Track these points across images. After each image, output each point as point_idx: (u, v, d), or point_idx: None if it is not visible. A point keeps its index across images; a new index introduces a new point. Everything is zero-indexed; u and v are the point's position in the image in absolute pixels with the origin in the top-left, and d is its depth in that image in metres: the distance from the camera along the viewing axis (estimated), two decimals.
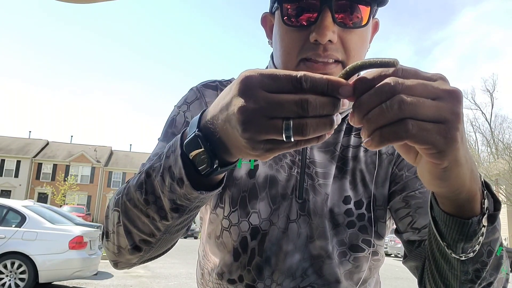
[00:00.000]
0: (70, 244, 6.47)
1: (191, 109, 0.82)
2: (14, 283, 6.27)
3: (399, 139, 0.40)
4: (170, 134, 0.80)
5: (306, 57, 0.70)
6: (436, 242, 0.56)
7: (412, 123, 0.39)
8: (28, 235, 6.38)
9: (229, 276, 0.79)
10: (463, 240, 0.50)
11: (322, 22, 0.67)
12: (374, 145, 0.41)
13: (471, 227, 0.49)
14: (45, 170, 38.41)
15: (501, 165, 28.20)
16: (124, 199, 0.62)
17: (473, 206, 0.49)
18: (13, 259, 6.29)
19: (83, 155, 39.21)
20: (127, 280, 8.17)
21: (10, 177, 37.15)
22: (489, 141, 32.34)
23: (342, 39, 0.69)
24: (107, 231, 0.67)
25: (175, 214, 0.58)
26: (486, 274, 0.56)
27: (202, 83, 0.87)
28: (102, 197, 39.17)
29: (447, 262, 0.56)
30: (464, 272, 0.55)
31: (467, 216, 0.49)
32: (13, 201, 7.12)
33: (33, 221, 6.53)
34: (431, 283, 0.64)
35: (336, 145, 0.80)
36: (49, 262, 6.36)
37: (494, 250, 0.55)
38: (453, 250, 0.52)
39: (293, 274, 0.76)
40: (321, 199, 0.77)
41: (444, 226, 0.51)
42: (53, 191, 35.78)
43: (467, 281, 0.56)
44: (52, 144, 42.10)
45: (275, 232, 0.76)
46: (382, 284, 0.95)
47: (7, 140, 40.23)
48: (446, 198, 0.50)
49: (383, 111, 0.40)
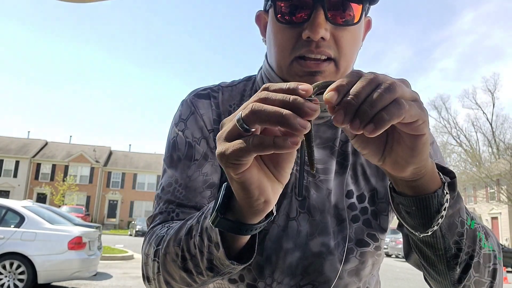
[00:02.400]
0: (69, 245, 6.46)
1: (189, 126, 0.82)
2: (13, 283, 6.25)
3: (398, 116, 0.43)
4: (176, 159, 0.81)
5: (299, 55, 0.72)
6: (411, 233, 0.59)
7: (404, 101, 0.44)
8: (27, 236, 6.36)
9: (229, 275, 0.78)
10: (433, 215, 0.55)
11: (315, 19, 0.68)
12: (377, 129, 0.43)
13: (438, 198, 0.54)
14: (44, 170, 38.43)
15: (503, 165, 28.25)
16: (163, 252, 0.66)
17: (434, 180, 0.54)
18: (12, 260, 6.28)
19: (82, 155, 39.22)
20: (127, 281, 8.15)
21: (9, 177, 37.17)
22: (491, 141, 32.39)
23: (335, 37, 0.71)
24: (148, 276, 0.71)
25: (210, 273, 0.61)
26: (465, 246, 0.59)
27: (193, 93, 0.86)
28: (101, 197, 39.18)
29: (430, 246, 0.59)
30: (446, 248, 0.58)
31: (431, 191, 0.54)
32: (12, 202, 7.10)
33: (32, 221, 6.52)
34: (425, 273, 0.67)
35: (335, 140, 0.81)
36: (48, 263, 6.34)
37: (465, 220, 0.59)
38: (428, 228, 0.56)
39: (293, 272, 0.75)
40: (323, 195, 0.77)
41: (415, 210, 0.55)
42: (52, 191, 35.80)
43: (451, 257, 0.59)
44: (51, 144, 42.12)
45: (275, 230, 0.76)
46: (382, 285, 0.95)
47: (5, 140, 40.23)
48: (416, 179, 0.53)
49: (382, 94, 0.43)
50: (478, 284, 0.62)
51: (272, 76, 0.80)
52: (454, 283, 0.61)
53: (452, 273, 0.60)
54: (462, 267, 0.60)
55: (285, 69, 0.75)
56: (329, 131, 0.81)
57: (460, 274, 0.60)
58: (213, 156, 0.80)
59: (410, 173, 0.52)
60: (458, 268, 0.60)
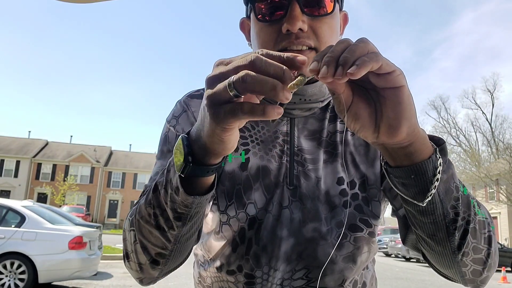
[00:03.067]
0: (70, 245, 6.47)
1: (180, 122, 0.87)
2: (14, 283, 6.26)
3: (377, 61, 0.47)
4: (166, 151, 0.85)
5: (282, 48, 0.77)
6: (411, 205, 0.61)
7: (378, 54, 0.48)
8: (27, 235, 6.37)
9: (227, 267, 0.81)
10: (430, 180, 0.57)
11: (291, 13, 0.75)
12: (360, 69, 0.46)
13: (433, 163, 0.57)
14: (45, 170, 38.42)
15: (502, 165, 28.21)
16: (137, 217, 0.69)
17: (427, 146, 0.57)
18: (12, 260, 6.29)
19: (82, 155, 39.21)
20: (127, 281, 8.16)
21: (9, 177, 37.16)
22: (490, 141, 32.38)
23: (313, 28, 0.77)
24: (126, 252, 0.73)
25: (178, 223, 0.63)
26: (461, 211, 0.62)
27: (186, 95, 0.92)
28: (102, 197, 39.17)
29: (429, 214, 0.61)
30: (445, 213, 0.61)
31: (426, 157, 0.57)
32: (13, 201, 7.11)
33: (33, 221, 6.53)
34: (426, 248, 0.68)
35: (322, 132, 0.85)
36: (49, 263, 6.36)
37: (458, 185, 0.62)
38: (426, 193, 0.58)
39: (289, 258, 0.78)
40: (312, 183, 0.81)
41: (413, 178, 0.57)
42: (52, 191, 35.79)
43: (450, 222, 0.61)
44: (51, 144, 42.11)
45: (269, 219, 0.79)
46: (382, 285, 0.96)
47: (6, 140, 40.22)
48: (411, 143, 0.56)
49: (357, 45, 0.48)
50: (476, 251, 0.65)
51: None
52: (454, 250, 0.64)
53: (452, 239, 0.63)
54: (461, 232, 0.62)
55: None
56: (316, 124, 0.86)
57: (459, 241, 0.63)
58: None
59: (405, 134, 0.53)
60: (457, 233, 0.62)
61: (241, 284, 0.80)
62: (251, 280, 0.79)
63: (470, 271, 0.67)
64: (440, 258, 0.67)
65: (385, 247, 21.10)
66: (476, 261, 0.66)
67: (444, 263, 0.67)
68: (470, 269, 0.67)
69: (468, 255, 0.65)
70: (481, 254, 0.66)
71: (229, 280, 0.81)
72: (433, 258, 0.69)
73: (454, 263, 0.66)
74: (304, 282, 0.78)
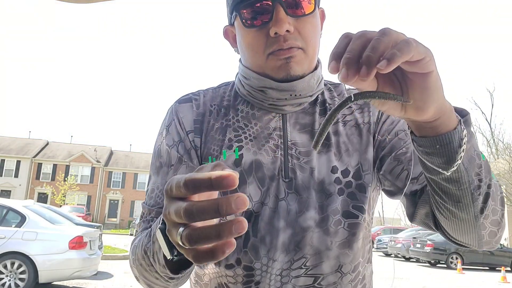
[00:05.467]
0: (70, 244, 6.48)
1: (170, 132, 0.89)
2: (14, 283, 6.27)
3: (408, 52, 0.45)
4: (158, 166, 0.88)
5: (272, 51, 0.80)
6: (435, 173, 0.63)
7: (410, 39, 0.47)
8: (28, 235, 6.38)
9: (226, 262, 0.82)
10: (456, 150, 0.58)
11: (277, 16, 0.78)
12: (390, 64, 0.44)
13: (459, 134, 0.58)
14: (45, 170, 38.41)
15: (501, 165, 28.17)
16: (137, 263, 0.74)
17: (452, 118, 0.57)
18: (13, 259, 6.30)
19: (83, 155, 39.20)
20: (127, 280, 8.16)
21: (10, 177, 37.15)
22: (489, 141, 32.34)
23: (298, 29, 0.80)
24: (136, 276, 0.79)
25: (172, 281, 0.67)
26: (484, 177, 0.64)
27: (176, 101, 0.93)
28: (102, 197, 39.16)
29: (455, 182, 0.63)
30: (470, 181, 0.63)
31: (452, 129, 0.58)
32: (13, 201, 7.12)
33: (33, 221, 6.53)
34: (446, 216, 0.70)
35: (313, 124, 0.88)
36: (49, 262, 6.36)
37: (479, 153, 0.64)
38: (452, 163, 0.59)
39: (287, 249, 0.80)
40: (307, 174, 0.83)
41: (438, 148, 0.58)
42: (53, 191, 35.80)
43: (475, 189, 0.64)
44: (52, 144, 42.10)
45: (266, 212, 0.81)
46: (382, 284, 0.96)
47: (7, 140, 40.22)
48: (437, 118, 0.56)
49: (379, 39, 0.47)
50: (494, 213, 0.68)
51: (248, 73, 0.87)
52: (477, 214, 0.66)
53: (475, 204, 0.65)
54: (483, 197, 0.65)
55: (263, 65, 0.83)
56: (307, 118, 0.88)
57: (482, 204, 0.66)
58: (188, 158, 0.86)
59: (433, 113, 0.54)
60: (481, 197, 0.65)
61: (240, 277, 0.81)
62: (250, 272, 0.80)
63: (488, 233, 0.70)
64: (461, 224, 0.69)
65: (385, 247, 21.07)
66: (493, 222, 0.69)
67: (464, 229, 0.70)
68: (488, 231, 0.70)
69: (488, 217, 0.68)
70: (497, 215, 0.69)
71: (228, 275, 0.82)
72: (452, 225, 0.71)
73: (475, 228, 0.69)
74: (303, 271, 0.80)
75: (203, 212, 0.42)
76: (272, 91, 0.84)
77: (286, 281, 0.79)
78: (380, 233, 24.66)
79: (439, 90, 0.52)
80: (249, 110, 0.89)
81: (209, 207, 0.41)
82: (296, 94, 0.84)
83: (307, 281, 0.80)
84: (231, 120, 0.88)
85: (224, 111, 0.90)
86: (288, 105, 0.86)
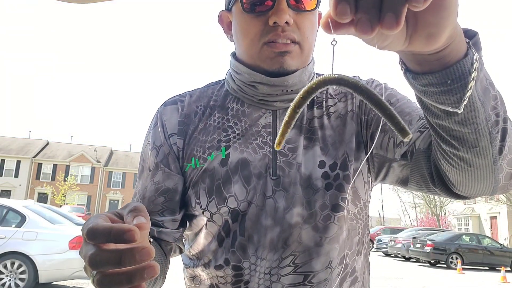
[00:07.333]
0: (70, 244, 6.47)
1: (153, 135, 0.89)
2: (14, 283, 6.27)
3: None
4: (141, 171, 0.89)
5: (267, 40, 0.79)
6: (444, 118, 0.54)
7: None
8: (28, 235, 6.38)
9: (215, 263, 0.82)
10: (468, 82, 0.49)
11: (279, 5, 0.77)
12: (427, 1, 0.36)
13: (470, 61, 0.48)
14: (45, 170, 38.41)
15: None
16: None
17: (462, 43, 0.48)
18: (13, 259, 6.29)
19: (83, 155, 39.20)
20: None
21: (10, 177, 37.15)
22: None
23: (297, 22, 0.80)
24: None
25: None
26: (499, 109, 0.55)
27: (163, 103, 0.93)
28: (102, 197, 39.18)
29: (471, 123, 0.54)
30: (487, 118, 0.54)
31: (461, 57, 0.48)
32: (13, 201, 7.11)
33: (33, 221, 6.53)
34: (457, 165, 0.61)
35: (302, 119, 0.86)
36: (49, 262, 6.36)
37: (492, 81, 0.54)
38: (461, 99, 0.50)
39: (275, 247, 0.79)
40: (294, 170, 0.82)
41: (450, 83, 0.49)
42: (53, 191, 35.82)
43: (493, 126, 0.55)
44: (52, 144, 42.10)
45: (253, 210, 0.80)
46: (382, 284, 0.96)
47: (7, 140, 40.22)
48: (447, 45, 0.46)
49: None
50: (510, 151, 0.59)
51: (239, 67, 0.86)
52: (495, 157, 0.58)
53: (494, 145, 0.57)
54: (501, 134, 0.56)
55: (256, 55, 0.82)
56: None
57: (500, 143, 0.57)
58: (165, 163, 0.85)
59: (445, 40, 0.44)
60: (499, 135, 0.56)
61: (230, 277, 0.80)
62: (239, 272, 0.79)
63: (504, 175, 0.62)
64: (476, 172, 0.61)
65: (385, 247, 21.06)
66: (510, 162, 0.60)
67: (479, 177, 0.61)
68: (504, 173, 0.61)
69: (505, 157, 0.59)
70: None
71: (218, 275, 0.82)
72: (465, 176, 0.62)
73: (492, 173, 0.60)
74: (291, 269, 0.79)
75: (107, 263, 0.44)
76: (263, 86, 0.83)
77: (275, 280, 0.78)
78: (380, 233, 24.62)
79: (456, 8, 0.42)
80: (239, 108, 0.88)
81: (113, 258, 0.44)
82: (287, 89, 0.83)
83: (296, 279, 0.78)
84: (217, 120, 0.87)
85: (210, 111, 0.89)
86: (279, 101, 0.85)
